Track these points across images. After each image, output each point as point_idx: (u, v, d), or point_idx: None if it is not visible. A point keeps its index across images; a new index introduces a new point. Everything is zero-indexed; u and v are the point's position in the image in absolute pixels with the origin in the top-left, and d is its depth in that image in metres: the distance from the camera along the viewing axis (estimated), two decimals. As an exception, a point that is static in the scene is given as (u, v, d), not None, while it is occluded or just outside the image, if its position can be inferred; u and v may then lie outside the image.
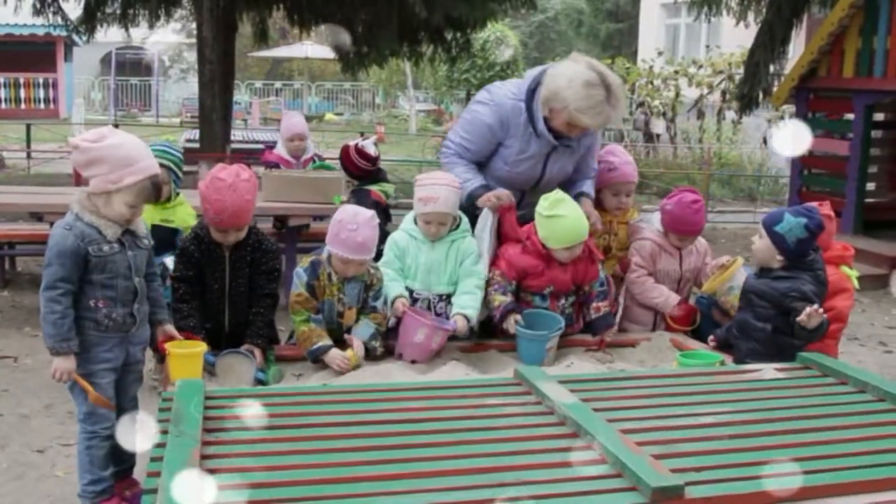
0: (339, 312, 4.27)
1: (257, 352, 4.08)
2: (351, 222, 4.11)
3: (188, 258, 4.16)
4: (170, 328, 4.03)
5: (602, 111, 4.33)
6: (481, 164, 4.74)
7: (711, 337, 4.43)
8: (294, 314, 4.22)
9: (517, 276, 4.46)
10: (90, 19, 12.86)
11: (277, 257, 4.29)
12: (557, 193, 4.37)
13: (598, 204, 4.82)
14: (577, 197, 4.61)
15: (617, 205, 4.86)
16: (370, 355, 4.20)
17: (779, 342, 4.05)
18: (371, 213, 4.22)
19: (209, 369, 3.94)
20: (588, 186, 4.81)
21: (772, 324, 4.09)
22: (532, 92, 4.51)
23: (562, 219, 4.30)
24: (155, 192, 3.80)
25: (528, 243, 4.43)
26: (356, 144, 6.14)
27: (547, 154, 4.62)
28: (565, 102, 4.32)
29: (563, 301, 4.51)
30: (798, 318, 3.89)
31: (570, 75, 4.34)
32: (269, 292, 4.26)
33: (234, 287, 4.19)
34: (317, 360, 4.10)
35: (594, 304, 4.51)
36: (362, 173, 6.15)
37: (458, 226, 4.50)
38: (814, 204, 4.24)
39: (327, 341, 4.10)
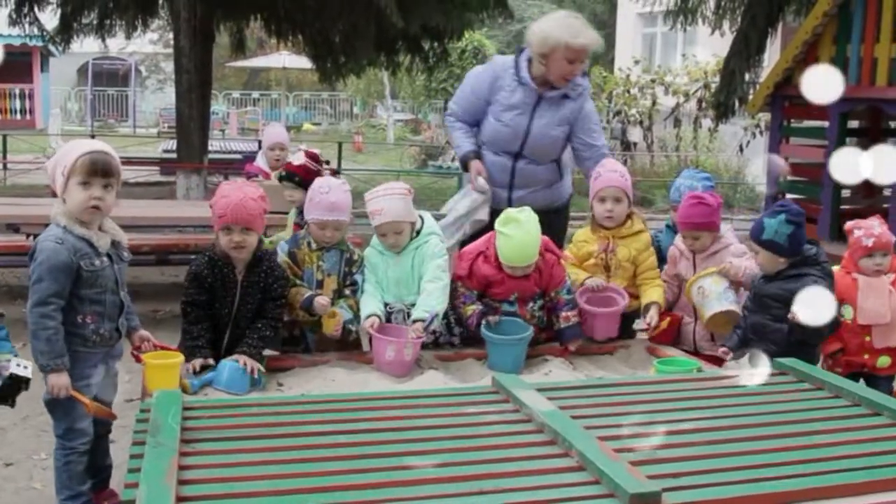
0: (319, 282, 4.36)
1: (246, 359, 3.97)
2: (323, 186, 4.40)
3: (200, 282, 4.08)
4: (144, 332, 4.02)
5: (587, 32, 5.03)
6: (478, 124, 5.34)
7: (723, 347, 4.44)
8: None
9: (479, 285, 4.46)
10: (66, 29, 12.84)
11: (287, 286, 4.28)
12: (516, 212, 4.38)
13: (593, 221, 4.81)
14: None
15: (604, 213, 4.70)
16: (347, 337, 4.38)
17: (795, 341, 4.10)
18: (342, 180, 4.54)
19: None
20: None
21: (788, 324, 4.14)
22: (520, 50, 5.21)
23: (508, 238, 4.33)
24: (102, 164, 3.67)
25: (487, 252, 4.45)
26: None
27: (533, 107, 5.16)
28: (557, 38, 4.94)
29: (531, 305, 4.51)
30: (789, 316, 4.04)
31: (548, 20, 5.11)
32: (275, 316, 4.22)
33: (241, 311, 4.13)
34: (312, 312, 4.29)
35: (563, 314, 4.47)
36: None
37: (419, 230, 4.51)
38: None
39: (311, 292, 4.30)
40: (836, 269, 4.64)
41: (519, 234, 4.31)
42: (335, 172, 6.04)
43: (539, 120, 5.16)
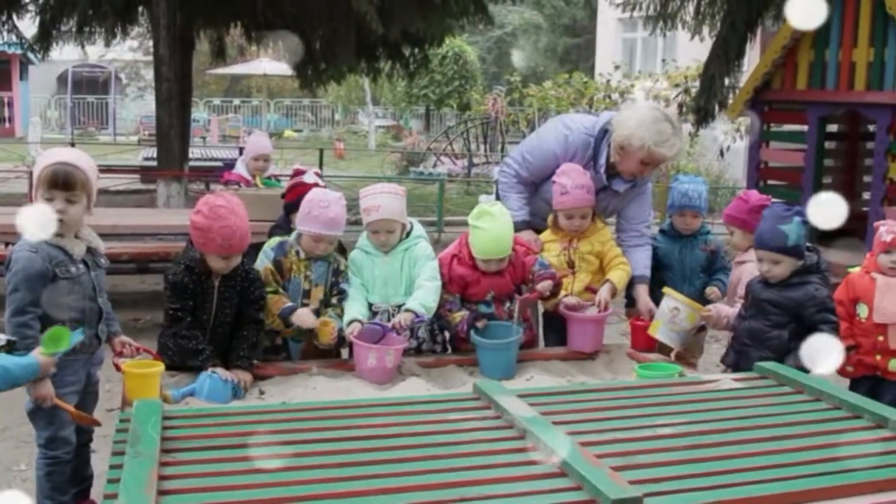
0: (306, 291, 4.34)
1: (242, 374, 4.00)
2: (322, 200, 4.32)
3: (183, 290, 4.04)
4: (124, 337, 4.01)
5: (675, 143, 4.75)
6: (536, 185, 5.06)
7: (721, 364, 4.43)
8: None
9: (458, 288, 4.48)
10: (46, 37, 12.78)
11: (263, 286, 4.26)
12: (488, 205, 4.44)
13: (554, 223, 4.88)
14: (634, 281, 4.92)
15: (571, 227, 4.78)
16: (342, 346, 4.38)
17: (794, 349, 4.05)
18: (340, 193, 4.45)
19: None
20: (641, 259, 4.98)
21: (787, 331, 4.12)
22: (604, 132, 4.87)
23: (483, 231, 4.38)
24: (63, 176, 3.63)
25: (460, 254, 4.48)
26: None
27: (595, 192, 4.85)
28: (642, 141, 4.67)
29: (507, 304, 4.52)
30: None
31: (638, 117, 4.74)
32: (257, 319, 4.21)
33: (219, 318, 4.12)
34: (288, 323, 4.25)
35: (540, 275, 4.45)
36: None
37: (409, 233, 4.52)
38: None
39: (294, 304, 4.26)
40: (855, 270, 4.63)
41: (493, 226, 4.37)
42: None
43: (598, 204, 4.93)
